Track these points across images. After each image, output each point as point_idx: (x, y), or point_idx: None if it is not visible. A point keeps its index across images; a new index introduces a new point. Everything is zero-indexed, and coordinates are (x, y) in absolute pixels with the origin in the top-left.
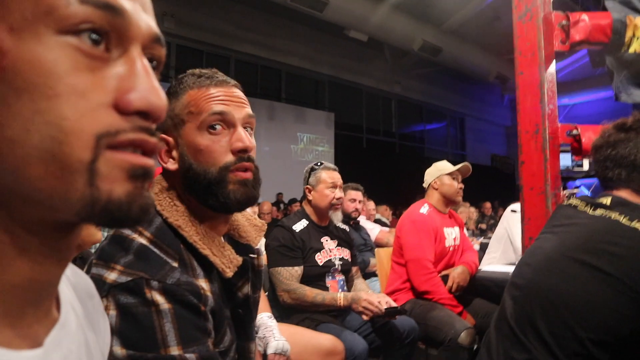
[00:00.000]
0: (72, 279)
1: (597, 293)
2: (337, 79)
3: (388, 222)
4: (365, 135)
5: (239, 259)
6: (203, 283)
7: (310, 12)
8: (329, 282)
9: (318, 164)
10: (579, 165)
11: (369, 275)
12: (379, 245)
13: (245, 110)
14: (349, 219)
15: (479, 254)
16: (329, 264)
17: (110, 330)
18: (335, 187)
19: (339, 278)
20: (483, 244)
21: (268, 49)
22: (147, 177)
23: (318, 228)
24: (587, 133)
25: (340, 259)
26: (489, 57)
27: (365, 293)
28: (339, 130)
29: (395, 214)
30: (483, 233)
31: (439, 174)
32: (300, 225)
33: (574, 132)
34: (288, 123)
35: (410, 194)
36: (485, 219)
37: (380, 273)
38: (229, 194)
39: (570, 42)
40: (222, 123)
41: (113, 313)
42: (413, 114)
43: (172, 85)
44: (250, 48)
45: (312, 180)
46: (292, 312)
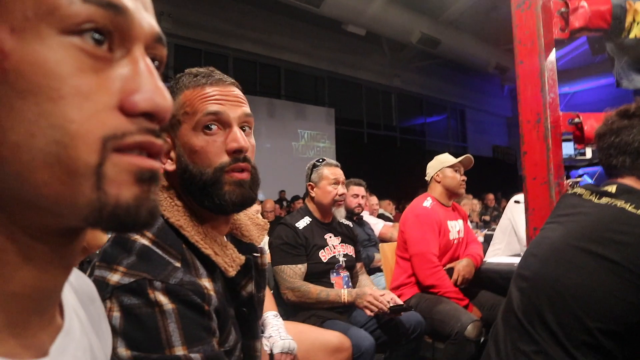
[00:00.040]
0: (74, 283)
1: (604, 282)
2: (336, 75)
3: (391, 216)
4: (366, 130)
5: (242, 258)
6: (206, 282)
7: (307, 7)
8: (334, 278)
9: (320, 161)
10: (582, 154)
11: (374, 271)
12: (383, 240)
13: (242, 109)
14: (352, 215)
15: (483, 246)
16: (333, 261)
17: (115, 332)
18: (338, 183)
19: (344, 274)
20: (487, 236)
21: (266, 46)
22: (154, 180)
23: (321, 225)
24: (589, 121)
25: (345, 256)
26: (488, 47)
27: (370, 289)
28: (340, 126)
29: (399, 208)
30: (487, 225)
31: (441, 167)
32: (304, 223)
33: (576, 120)
34: (288, 120)
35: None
36: (489, 211)
37: (385, 268)
38: (225, 195)
39: (570, 29)
40: (217, 123)
41: (117, 314)
42: (413, 107)
43: (169, 86)
44: (249, 46)
45: (314, 177)
46: (298, 309)
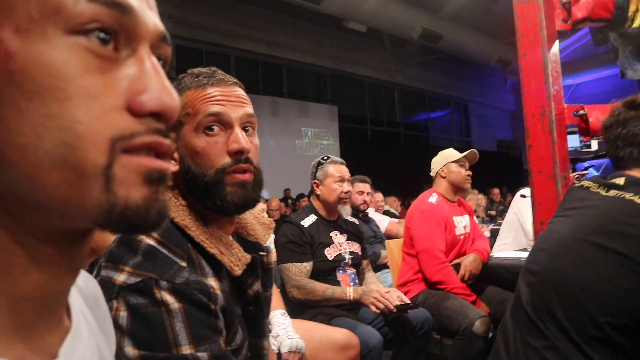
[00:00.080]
0: (79, 284)
1: (614, 276)
2: (338, 72)
3: (397, 213)
4: (370, 127)
5: (248, 257)
6: (212, 282)
7: (308, 5)
8: (340, 276)
9: (325, 158)
10: (588, 146)
11: (380, 267)
12: (389, 237)
13: (244, 110)
14: (358, 212)
15: (490, 241)
16: (339, 258)
17: (122, 331)
18: (343, 180)
19: (350, 272)
20: (493, 231)
21: (268, 45)
22: (162, 180)
23: (327, 222)
24: (594, 113)
25: (350, 253)
26: (490, 41)
27: (376, 286)
28: (343, 123)
29: (404, 205)
30: (493, 219)
31: (446, 162)
32: (309, 221)
33: (581, 112)
34: (291, 118)
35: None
36: (494, 205)
37: (392, 265)
38: (226, 197)
39: (572, 20)
40: (218, 124)
41: (124, 314)
42: (416, 103)
43: (172, 85)
44: (250, 45)
45: (319, 175)
46: (305, 307)
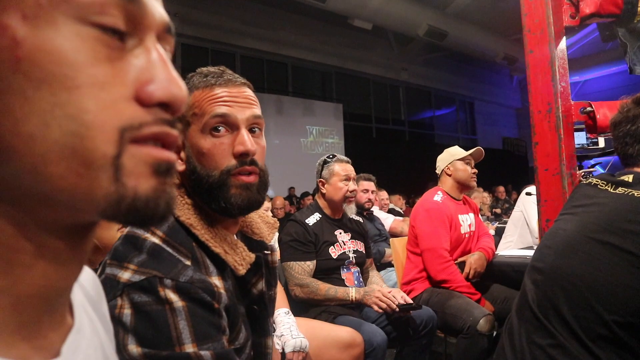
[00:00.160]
0: (80, 280)
1: (621, 274)
2: (343, 70)
3: (402, 211)
4: (375, 125)
5: (252, 256)
6: (216, 281)
7: (313, 3)
8: (344, 274)
9: (330, 157)
10: (594, 143)
11: (385, 266)
12: (394, 235)
13: (251, 111)
14: (362, 210)
15: (495, 239)
16: (343, 257)
17: (125, 329)
18: (349, 179)
19: (354, 270)
20: (499, 229)
21: (273, 43)
22: (170, 172)
23: (331, 221)
24: (601, 110)
25: (355, 252)
26: (496, 38)
27: (378, 286)
28: (348, 121)
29: (409, 203)
30: (498, 217)
31: (452, 160)
32: (314, 219)
33: (588, 109)
34: (296, 116)
35: (423, 182)
36: (500, 203)
37: (396, 263)
38: (230, 199)
39: (580, 16)
40: (224, 125)
41: (128, 312)
42: (421, 101)
43: None
44: (255, 43)
45: (325, 174)
46: (309, 306)
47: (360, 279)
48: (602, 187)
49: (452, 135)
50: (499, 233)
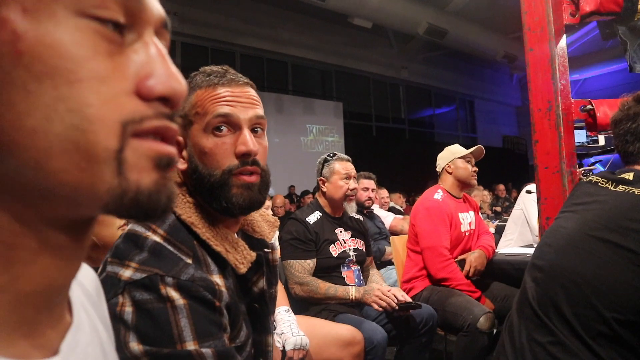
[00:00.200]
0: (79, 277)
1: (621, 272)
2: (343, 68)
3: (402, 209)
4: (375, 123)
5: (253, 255)
6: (217, 279)
7: (313, 1)
8: (345, 272)
9: (331, 155)
10: (594, 141)
11: (385, 264)
12: (394, 233)
13: (254, 111)
14: (363, 208)
15: (495, 237)
16: (344, 255)
17: (127, 326)
18: (349, 178)
19: (355, 268)
20: (499, 227)
21: (273, 42)
22: (170, 165)
23: (332, 219)
24: (601, 108)
25: (355, 250)
26: (496, 36)
27: (378, 285)
28: (348, 120)
29: (409, 201)
30: (498, 216)
31: (453, 158)
32: (314, 217)
33: (588, 107)
34: (296, 115)
35: (423, 180)
36: (500, 201)
37: (397, 261)
38: (232, 198)
39: (581, 14)
40: (227, 125)
41: (129, 310)
42: (422, 99)
43: None
44: (255, 42)
45: (325, 172)
46: (309, 304)
47: (361, 277)
48: (602, 185)
49: (452, 134)
50: (499, 231)
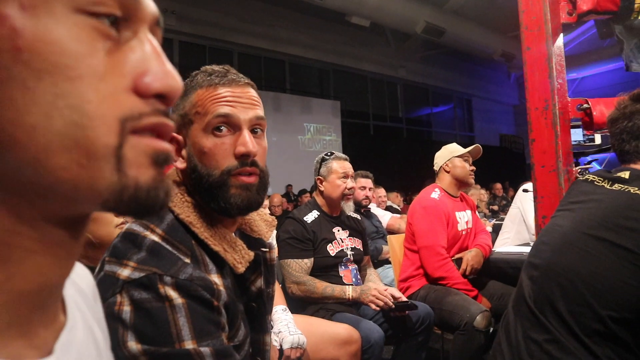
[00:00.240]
0: (73, 276)
1: (617, 270)
2: (341, 67)
3: (399, 208)
4: (372, 122)
5: (251, 254)
6: (216, 278)
7: (311, 0)
8: (342, 272)
9: (329, 154)
10: (591, 140)
11: (382, 263)
12: (391, 232)
13: (254, 112)
14: (360, 207)
15: (492, 236)
16: (341, 254)
17: (125, 326)
18: (347, 177)
19: (352, 267)
20: (496, 226)
21: (270, 40)
22: (167, 162)
23: (329, 218)
24: (598, 106)
25: (352, 249)
26: (493, 35)
27: (374, 284)
28: (346, 118)
29: (406, 200)
30: (495, 214)
31: (451, 157)
32: (312, 217)
33: (585, 106)
34: (294, 114)
35: (420, 179)
36: (497, 200)
37: (394, 260)
38: (230, 199)
39: (578, 13)
40: (227, 125)
41: (127, 309)
42: (419, 98)
43: (185, 82)
44: (253, 40)
45: (323, 171)
46: (307, 303)
47: (358, 276)
48: (598, 183)
49: (449, 133)
50: (497, 230)
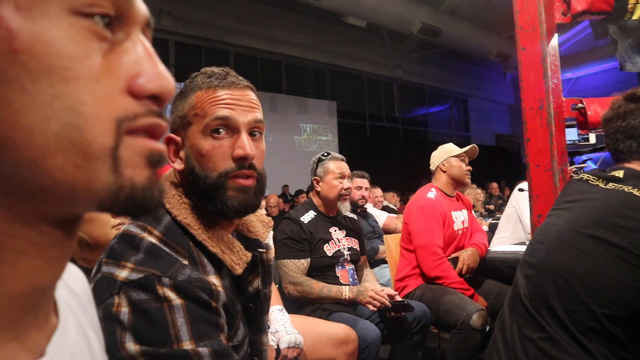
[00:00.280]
0: (65, 277)
1: (611, 268)
2: (337, 67)
3: (396, 208)
4: (369, 122)
5: (249, 255)
6: (214, 279)
7: (307, 0)
8: (339, 272)
9: (325, 155)
10: (586, 139)
11: (379, 262)
12: (387, 231)
13: (253, 115)
14: (356, 207)
15: (488, 235)
16: (338, 254)
17: (123, 327)
18: (344, 177)
19: (349, 267)
20: (492, 225)
21: (266, 41)
22: (161, 163)
23: (326, 219)
24: (592, 106)
25: (349, 249)
26: (489, 35)
27: (371, 285)
28: (342, 119)
29: (403, 200)
30: (491, 214)
31: (447, 156)
32: (308, 217)
33: (579, 105)
34: (290, 114)
35: (416, 179)
36: (493, 200)
37: (390, 260)
38: (227, 201)
39: (572, 13)
40: (225, 128)
41: (125, 310)
42: (415, 98)
43: (184, 84)
44: (249, 41)
45: (319, 171)
46: (303, 303)
47: (355, 277)
48: (593, 182)
49: (445, 132)
50: (493, 229)
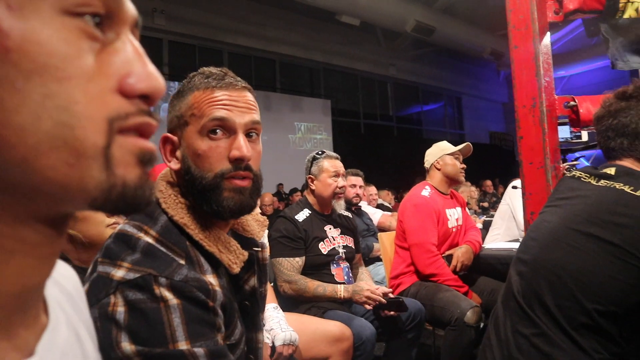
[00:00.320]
0: (55, 275)
1: (603, 264)
2: (331, 66)
3: (390, 206)
4: (363, 121)
5: (245, 254)
6: (211, 278)
7: None
8: (334, 270)
9: (320, 153)
10: (578, 137)
11: (374, 260)
12: (382, 229)
13: (250, 116)
14: (351, 205)
15: (483, 233)
16: (333, 253)
17: (119, 326)
18: (338, 175)
19: (344, 265)
20: (486, 222)
21: (261, 40)
22: (152, 161)
23: (321, 217)
24: (584, 104)
25: (344, 247)
26: (483, 33)
27: (366, 284)
28: (336, 117)
29: (397, 198)
30: (485, 211)
31: (441, 154)
32: (303, 215)
33: (571, 103)
34: (285, 113)
35: (411, 177)
36: (487, 197)
37: (384, 258)
38: (223, 202)
39: (564, 12)
40: (222, 129)
41: (121, 309)
42: (409, 96)
43: (182, 83)
44: (243, 40)
45: (314, 170)
46: (299, 301)
47: (350, 275)
48: (585, 179)
49: (439, 130)
50: (487, 227)
